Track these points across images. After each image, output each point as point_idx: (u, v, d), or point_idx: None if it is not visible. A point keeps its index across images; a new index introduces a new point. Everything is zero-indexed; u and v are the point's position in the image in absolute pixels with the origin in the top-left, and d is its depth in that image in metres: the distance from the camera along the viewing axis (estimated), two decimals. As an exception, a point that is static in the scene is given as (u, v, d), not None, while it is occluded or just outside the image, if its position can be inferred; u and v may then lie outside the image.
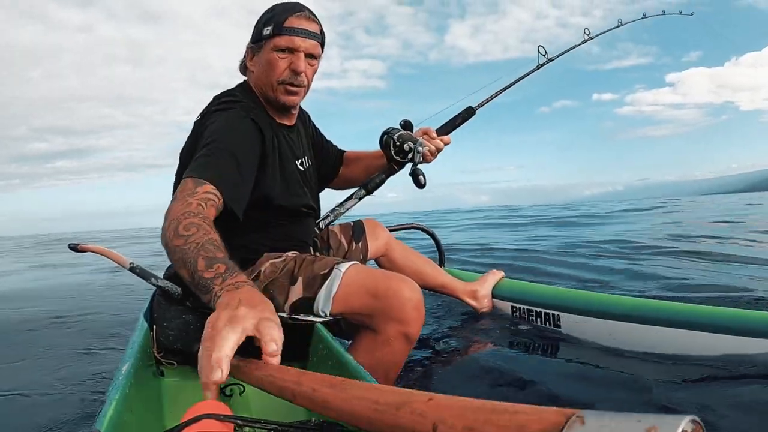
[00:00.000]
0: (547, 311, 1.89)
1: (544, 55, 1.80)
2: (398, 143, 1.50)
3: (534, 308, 1.94)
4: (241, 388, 1.11)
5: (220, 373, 0.69)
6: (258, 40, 1.29)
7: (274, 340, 0.72)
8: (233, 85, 1.41)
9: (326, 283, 1.23)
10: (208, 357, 0.70)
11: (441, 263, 2.33)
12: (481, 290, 2.04)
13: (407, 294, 1.19)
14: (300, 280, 1.25)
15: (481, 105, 1.71)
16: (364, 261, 1.80)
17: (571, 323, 1.80)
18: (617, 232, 6.06)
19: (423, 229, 2.43)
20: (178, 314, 1.32)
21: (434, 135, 1.59)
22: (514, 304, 2.00)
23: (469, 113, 1.68)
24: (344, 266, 1.25)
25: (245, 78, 1.43)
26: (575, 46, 1.93)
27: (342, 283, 1.22)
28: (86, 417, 1.28)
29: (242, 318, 0.73)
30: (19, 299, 3.39)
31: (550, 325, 1.85)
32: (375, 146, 1.63)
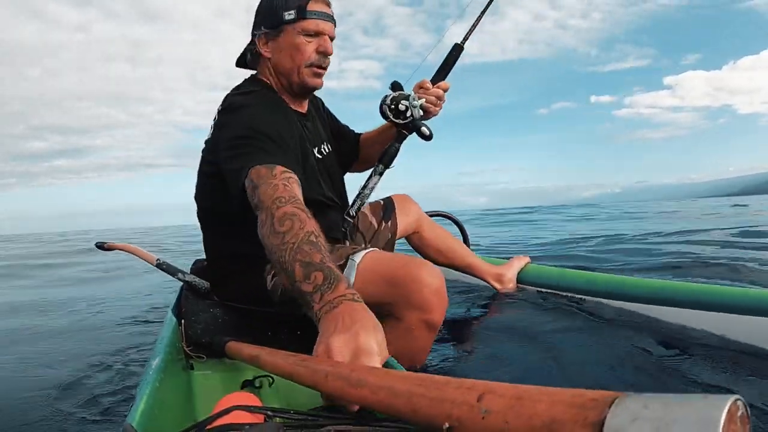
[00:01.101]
0: (573, 295, 1.88)
1: None
2: (393, 106, 1.44)
3: (559, 292, 1.93)
4: (271, 379, 1.11)
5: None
6: (277, 24, 1.26)
7: None
8: (233, 85, 1.39)
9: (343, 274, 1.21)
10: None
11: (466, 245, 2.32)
12: (507, 274, 2.05)
13: (426, 279, 1.13)
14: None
15: (466, 38, 1.63)
16: (392, 240, 1.76)
17: (596, 307, 1.77)
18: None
19: (449, 217, 2.42)
20: (205, 308, 1.33)
21: (429, 85, 1.52)
22: (540, 289, 2.00)
23: (458, 50, 1.61)
24: (359, 256, 1.21)
25: (253, 72, 1.40)
26: None
27: (358, 273, 1.18)
28: (118, 412, 1.30)
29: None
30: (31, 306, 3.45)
31: (575, 309, 1.83)
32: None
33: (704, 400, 0.28)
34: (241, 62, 1.44)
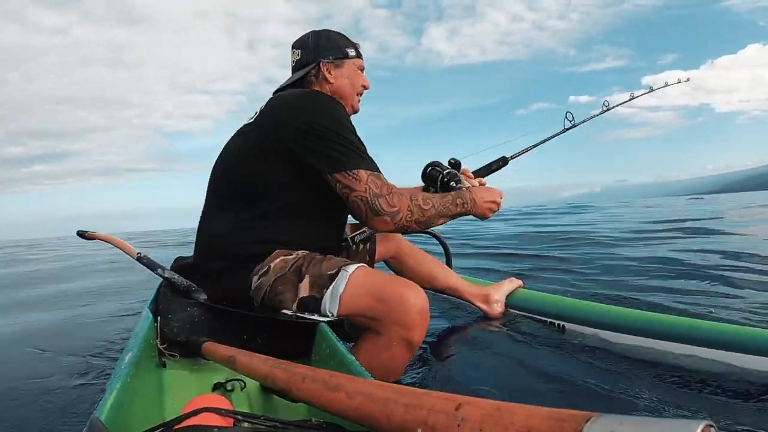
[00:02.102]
0: (553, 321, 1.87)
1: (570, 121, 2.14)
2: (446, 179, 1.64)
3: (540, 317, 1.92)
4: (243, 383, 1.11)
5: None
6: (342, 57, 1.54)
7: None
8: (213, 90, 1.50)
9: (333, 283, 1.24)
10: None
11: (448, 266, 2.30)
12: (494, 295, 2.00)
13: (413, 300, 1.19)
14: (307, 278, 1.26)
15: (513, 157, 1.91)
16: (371, 262, 1.79)
17: (575, 333, 1.78)
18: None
19: (431, 233, 2.41)
20: (183, 306, 1.32)
21: (471, 176, 1.76)
22: (521, 312, 1.98)
23: (503, 162, 1.84)
24: (351, 267, 1.26)
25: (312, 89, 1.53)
26: (595, 116, 2.29)
27: (348, 284, 1.23)
28: (87, 405, 1.28)
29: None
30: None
31: (554, 333, 1.83)
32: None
33: (676, 424, 0.28)
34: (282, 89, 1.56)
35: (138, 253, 1.52)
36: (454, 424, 0.40)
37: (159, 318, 1.26)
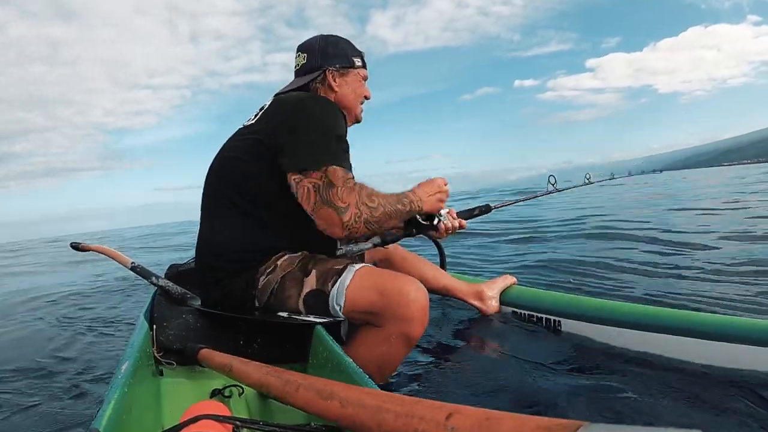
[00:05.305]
0: (548, 317, 1.88)
1: (553, 185, 2.34)
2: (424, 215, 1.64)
3: (535, 313, 1.93)
4: (241, 389, 1.11)
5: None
6: (348, 66, 1.54)
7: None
8: (155, 84, 1.48)
9: (341, 277, 1.27)
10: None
11: (443, 267, 2.31)
12: (487, 292, 2.01)
13: (413, 294, 1.22)
14: (314, 272, 1.29)
15: (496, 207, 2.00)
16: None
17: (571, 329, 1.79)
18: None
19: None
20: (178, 314, 1.32)
21: (455, 216, 1.77)
22: (516, 309, 1.99)
23: (486, 209, 1.93)
24: (357, 266, 1.30)
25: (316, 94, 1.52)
26: (577, 186, 2.52)
27: (354, 279, 1.26)
28: (85, 416, 1.27)
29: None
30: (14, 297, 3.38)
31: (550, 330, 1.84)
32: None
33: None
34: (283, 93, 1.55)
35: (132, 263, 1.52)
36: None
37: (154, 326, 1.26)
